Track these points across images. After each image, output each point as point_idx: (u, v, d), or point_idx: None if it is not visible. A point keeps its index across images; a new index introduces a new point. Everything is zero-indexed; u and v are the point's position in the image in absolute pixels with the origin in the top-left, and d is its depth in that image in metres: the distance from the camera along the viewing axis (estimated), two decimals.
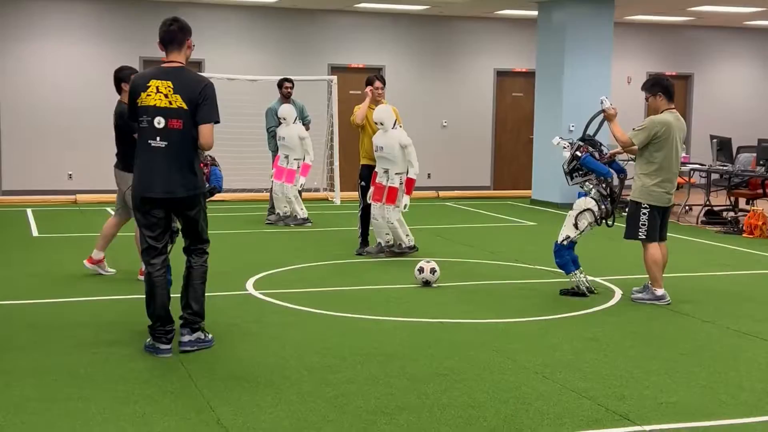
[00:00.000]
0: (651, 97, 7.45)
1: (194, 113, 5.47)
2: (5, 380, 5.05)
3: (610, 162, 7.52)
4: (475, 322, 6.65)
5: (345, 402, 4.77)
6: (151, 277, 5.64)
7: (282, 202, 11.76)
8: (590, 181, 7.49)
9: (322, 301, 7.20)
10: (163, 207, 5.56)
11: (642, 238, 7.40)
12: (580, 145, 7.50)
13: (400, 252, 9.40)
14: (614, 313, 7.05)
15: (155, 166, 5.49)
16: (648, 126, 7.31)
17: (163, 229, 5.64)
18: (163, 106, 5.43)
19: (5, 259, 8.82)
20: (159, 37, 5.59)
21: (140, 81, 5.54)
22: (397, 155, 9.09)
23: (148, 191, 5.51)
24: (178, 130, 5.45)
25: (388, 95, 9.76)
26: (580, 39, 14.60)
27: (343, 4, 16.10)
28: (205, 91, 5.49)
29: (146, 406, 4.66)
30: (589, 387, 5.09)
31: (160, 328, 5.63)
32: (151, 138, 5.47)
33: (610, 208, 7.47)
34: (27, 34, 15.18)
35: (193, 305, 5.66)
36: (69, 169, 15.46)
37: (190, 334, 5.64)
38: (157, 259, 5.64)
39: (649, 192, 7.31)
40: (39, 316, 6.66)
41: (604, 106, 7.57)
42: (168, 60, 5.59)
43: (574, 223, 7.46)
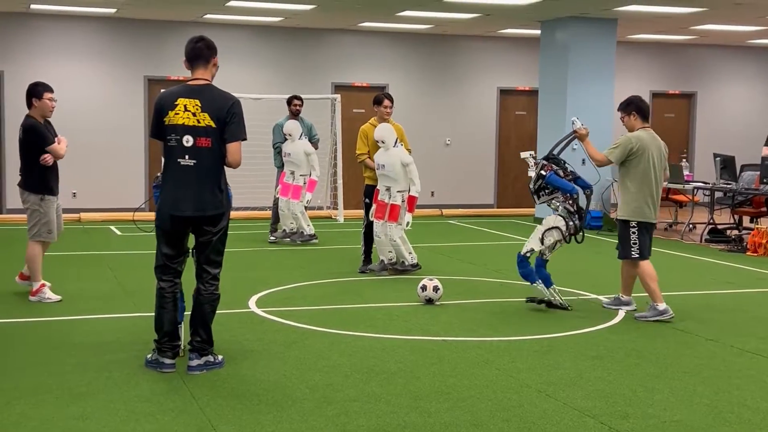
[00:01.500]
0: (626, 116, 7.63)
1: (222, 131, 5.46)
2: (5, 399, 5.03)
3: (575, 179, 7.65)
4: (478, 340, 6.62)
5: (347, 420, 4.75)
6: (162, 293, 5.62)
7: (288, 219, 11.70)
8: (557, 198, 7.62)
9: (324, 319, 7.19)
10: (190, 225, 5.54)
11: (635, 257, 7.50)
12: (545, 164, 7.63)
13: (403, 270, 9.38)
14: (618, 331, 7.02)
15: (184, 184, 5.45)
16: (623, 143, 7.46)
17: (180, 250, 5.60)
18: (191, 125, 5.42)
19: (8, 277, 8.81)
20: (185, 54, 5.58)
21: (168, 99, 5.51)
22: (399, 173, 9.10)
23: (176, 210, 5.47)
24: (207, 149, 5.44)
25: (393, 113, 9.78)
26: (582, 58, 14.64)
27: (346, 23, 16.16)
28: (233, 109, 5.47)
29: (147, 425, 4.64)
30: (592, 406, 5.06)
31: (167, 343, 5.62)
32: (179, 157, 5.44)
33: (578, 224, 7.59)
34: (32, 52, 15.25)
35: (202, 333, 5.60)
36: (73, 187, 15.47)
37: (199, 358, 5.58)
38: (170, 276, 5.62)
39: (634, 210, 7.45)
40: (40, 335, 6.65)
41: (575, 126, 7.75)
42: (194, 78, 5.57)
43: (540, 238, 7.59)
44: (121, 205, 15.45)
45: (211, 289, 5.62)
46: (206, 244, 5.58)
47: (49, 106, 7.88)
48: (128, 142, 15.82)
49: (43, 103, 7.84)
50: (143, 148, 15.91)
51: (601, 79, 14.76)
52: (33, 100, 7.81)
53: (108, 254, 10.91)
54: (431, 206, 16.47)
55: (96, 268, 9.78)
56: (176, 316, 5.66)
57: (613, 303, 7.92)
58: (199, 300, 5.61)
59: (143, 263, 10.06)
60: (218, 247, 5.62)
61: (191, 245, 5.72)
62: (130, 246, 11.74)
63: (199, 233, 5.58)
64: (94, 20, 15.56)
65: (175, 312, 5.65)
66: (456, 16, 14.81)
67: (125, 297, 8.13)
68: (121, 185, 15.74)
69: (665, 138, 19.28)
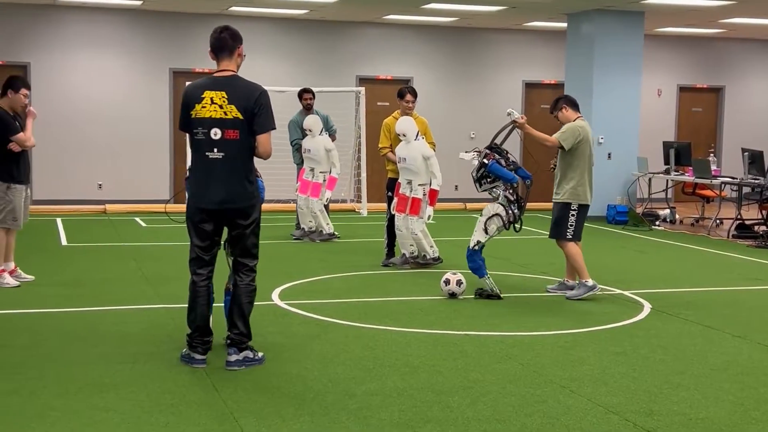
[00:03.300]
0: (558, 112, 8.07)
1: (250, 122, 5.42)
2: (30, 389, 5.06)
3: (515, 169, 7.82)
4: (502, 334, 6.58)
5: (368, 414, 4.73)
6: (195, 287, 5.59)
7: (307, 217, 11.42)
8: (498, 187, 7.81)
9: (347, 312, 7.18)
10: (220, 218, 5.51)
11: (569, 238, 7.94)
12: (487, 153, 7.81)
13: (425, 263, 9.35)
14: (643, 327, 6.95)
15: (214, 177, 5.42)
16: (571, 131, 7.90)
17: (212, 241, 5.57)
18: (218, 117, 5.37)
19: (34, 268, 8.87)
20: (210, 45, 5.53)
21: (194, 92, 5.46)
22: (420, 166, 9.07)
23: (206, 202, 5.45)
24: (235, 141, 5.40)
25: (417, 107, 9.75)
26: (609, 51, 14.50)
27: (371, 16, 16.12)
28: (261, 100, 5.43)
29: (169, 416, 4.65)
30: (616, 402, 5.01)
31: (198, 338, 5.59)
32: (208, 150, 5.41)
33: (517, 213, 7.79)
34: (58, 45, 15.35)
35: (240, 325, 5.54)
36: (99, 179, 15.58)
37: (237, 354, 5.53)
38: (204, 270, 5.58)
39: (578, 193, 7.90)
40: (65, 325, 6.68)
41: (513, 117, 7.95)
42: (219, 69, 5.52)
43: (484, 228, 7.77)
44: (146, 197, 15.52)
45: (248, 280, 5.58)
46: (240, 236, 5.54)
47: (22, 101, 8.04)
48: (153, 134, 15.89)
49: (18, 97, 7.98)
50: (168, 140, 15.97)
51: (629, 72, 14.62)
52: (9, 92, 7.93)
53: (133, 246, 10.95)
54: (455, 200, 16.41)
55: (121, 259, 9.82)
56: (208, 311, 5.63)
57: (558, 288, 8.22)
58: (236, 292, 5.58)
59: (168, 255, 10.16)
60: (252, 239, 5.57)
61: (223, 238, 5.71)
62: (154, 238, 11.79)
63: (232, 226, 5.55)
64: (120, 12, 15.62)
65: (208, 307, 5.62)
66: (482, 8, 14.73)
67: (149, 288, 8.15)
68: (146, 177, 15.82)
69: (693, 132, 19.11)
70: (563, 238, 7.96)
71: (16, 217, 8.00)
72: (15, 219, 7.99)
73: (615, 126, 14.59)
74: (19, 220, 8.04)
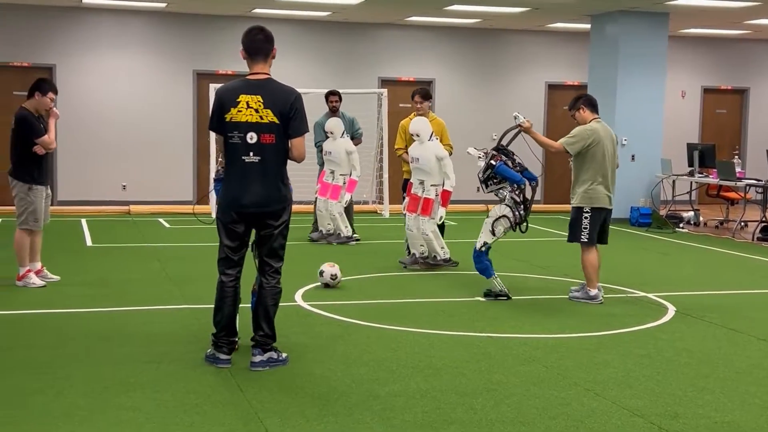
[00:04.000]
0: (576, 111, 7.97)
1: (285, 126, 5.43)
2: (57, 389, 5.11)
3: (522, 170, 7.83)
4: (525, 336, 6.57)
5: (392, 415, 4.74)
6: (223, 287, 5.60)
7: (326, 220, 11.32)
8: (504, 188, 7.82)
9: (369, 314, 7.19)
10: (252, 219, 5.52)
11: (584, 241, 7.86)
12: (494, 154, 7.82)
13: (435, 264, 9.35)
14: (667, 330, 6.91)
15: (249, 181, 5.42)
16: (580, 135, 7.79)
17: (242, 242, 5.59)
18: (254, 122, 5.37)
19: (60, 268, 8.95)
20: (243, 47, 5.51)
21: (229, 96, 5.44)
22: (433, 167, 9.08)
23: (241, 206, 5.45)
24: (271, 144, 5.41)
25: (439, 108, 9.75)
26: (633, 52, 14.42)
27: (393, 18, 16.14)
28: (296, 104, 5.44)
29: (194, 416, 4.68)
30: (641, 405, 4.99)
31: (223, 338, 5.61)
32: (244, 154, 5.40)
33: (523, 214, 7.80)
34: (83, 46, 15.47)
35: (264, 327, 5.56)
36: (123, 180, 15.69)
37: (262, 354, 5.55)
38: (232, 270, 5.60)
39: (590, 196, 7.80)
40: (91, 325, 6.74)
41: (518, 121, 7.88)
42: (253, 72, 5.52)
43: (491, 229, 7.80)
44: (169, 198, 15.63)
45: (273, 282, 5.59)
46: (268, 237, 5.55)
47: (47, 104, 8.13)
48: (177, 135, 15.98)
49: (44, 100, 8.08)
50: (192, 142, 16.05)
51: (653, 74, 14.54)
52: (36, 94, 8.02)
53: (157, 246, 11.02)
54: (477, 201, 16.36)
55: (145, 260, 9.88)
56: (235, 311, 5.66)
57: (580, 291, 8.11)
58: (262, 294, 5.59)
59: (191, 256, 10.22)
60: (280, 240, 5.59)
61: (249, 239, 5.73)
62: (178, 239, 11.86)
63: (261, 227, 5.56)
64: (145, 14, 15.73)
65: (234, 307, 5.64)
66: (505, 10, 14.71)
67: (174, 289, 8.20)
68: (169, 178, 15.91)
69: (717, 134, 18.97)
70: (578, 241, 7.91)
71: (38, 218, 8.08)
72: (36, 220, 8.07)
73: (639, 127, 14.52)
74: (40, 221, 8.13)
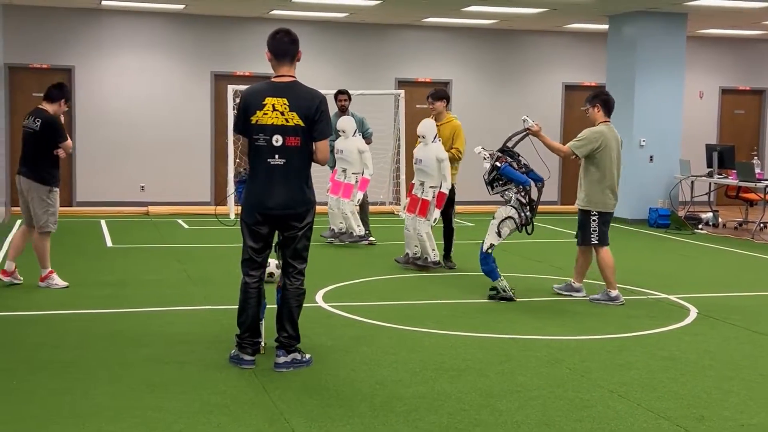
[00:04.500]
0: (591, 108, 8.01)
1: (310, 129, 5.46)
2: (83, 389, 5.14)
3: (527, 172, 7.87)
4: (546, 338, 6.57)
5: (417, 417, 4.74)
6: (246, 288, 5.64)
7: (338, 218, 11.21)
8: (510, 190, 7.85)
9: (390, 315, 7.19)
10: (276, 221, 5.55)
11: (595, 243, 7.92)
12: (500, 155, 7.85)
13: (424, 266, 9.38)
14: (690, 332, 6.89)
15: (274, 183, 5.45)
16: (588, 138, 7.85)
17: (266, 243, 5.62)
18: (280, 124, 5.40)
19: (81, 269, 9.02)
20: (269, 49, 5.53)
21: (255, 98, 5.47)
22: (434, 168, 9.13)
23: (266, 208, 5.48)
24: (296, 147, 5.44)
25: (456, 109, 9.76)
26: (651, 53, 14.39)
27: (410, 19, 16.14)
28: (321, 107, 5.48)
29: (221, 417, 4.70)
30: (666, 407, 4.98)
31: (247, 339, 5.64)
32: (269, 156, 5.43)
33: (529, 215, 7.83)
34: (101, 48, 15.54)
35: (288, 328, 5.58)
36: (141, 181, 15.75)
37: (286, 355, 5.57)
38: (256, 272, 5.63)
39: (598, 200, 7.87)
40: (114, 326, 6.77)
41: (527, 124, 7.96)
42: (279, 74, 5.55)
43: (497, 231, 7.82)
44: (187, 199, 15.69)
45: (297, 283, 5.61)
46: (292, 239, 5.57)
47: (63, 110, 8.21)
48: (195, 136, 16.03)
49: (66, 106, 8.20)
50: (209, 143, 16.10)
51: (671, 75, 14.49)
52: (62, 102, 8.10)
53: (176, 247, 11.07)
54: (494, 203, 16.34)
55: (165, 261, 9.92)
56: (259, 312, 5.69)
57: (564, 289, 8.20)
58: (285, 295, 5.61)
59: (211, 256, 10.25)
60: (304, 242, 5.61)
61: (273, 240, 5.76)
62: (197, 239, 11.90)
63: (286, 229, 5.57)
64: (163, 16, 15.79)
65: (258, 308, 5.67)
66: (522, 11, 14.69)
67: (195, 290, 8.23)
68: (187, 179, 15.96)
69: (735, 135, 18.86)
70: (589, 243, 7.95)
71: (56, 220, 8.14)
72: (55, 222, 8.12)
73: (657, 128, 14.48)
74: (56, 223, 8.19)
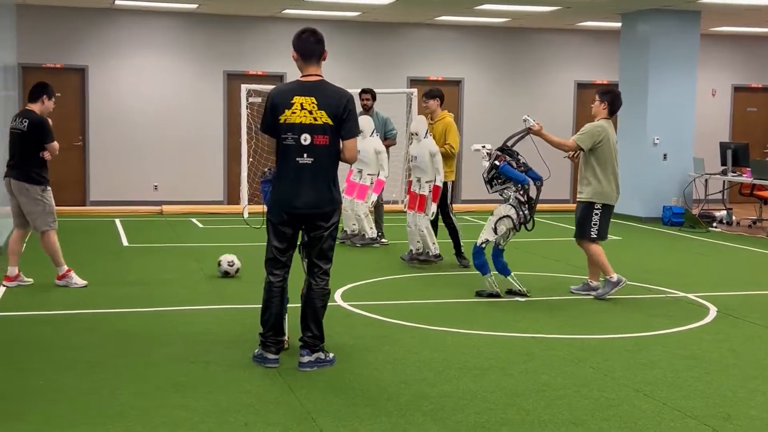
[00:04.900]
0: (598, 102, 8.08)
1: (338, 127, 5.49)
2: (109, 388, 5.15)
3: (526, 170, 7.92)
4: (568, 337, 6.56)
5: (444, 416, 4.75)
6: (271, 287, 5.66)
7: (351, 220, 11.09)
8: (509, 188, 7.90)
9: (410, 314, 7.20)
10: (302, 221, 5.57)
11: (593, 237, 7.94)
12: (498, 154, 7.93)
13: (426, 260, 9.46)
14: (711, 330, 6.88)
15: (301, 182, 5.47)
16: (590, 132, 7.94)
17: (291, 243, 5.64)
18: (308, 123, 5.43)
19: (100, 268, 9.04)
20: (295, 49, 5.58)
21: (283, 98, 5.50)
22: (428, 164, 9.22)
23: (293, 207, 5.50)
24: (324, 146, 5.47)
25: (467, 108, 9.80)
26: (665, 51, 14.35)
27: (423, 18, 16.14)
28: (349, 106, 5.51)
29: (248, 416, 4.71)
30: (692, 406, 4.97)
31: (271, 338, 5.65)
32: (297, 155, 5.45)
33: (527, 214, 7.84)
34: (115, 47, 15.58)
35: (313, 328, 5.59)
36: (154, 180, 15.79)
37: (310, 355, 5.58)
38: (280, 271, 5.65)
39: (601, 192, 7.91)
40: (135, 325, 6.79)
41: (528, 124, 8.02)
42: (307, 74, 5.57)
43: (494, 227, 7.89)
44: (200, 198, 15.72)
45: (322, 284, 5.62)
46: (318, 239, 5.58)
47: (51, 108, 8.15)
48: (208, 135, 16.06)
49: (50, 104, 8.14)
50: (222, 142, 16.13)
51: (684, 73, 14.46)
52: (44, 98, 8.03)
53: (192, 246, 11.09)
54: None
55: (182, 260, 9.94)
56: (282, 310, 5.71)
57: (582, 289, 8.20)
58: (310, 295, 5.61)
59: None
60: (329, 242, 5.61)
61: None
62: (212, 238, 11.91)
63: (312, 229, 5.59)
64: (176, 15, 15.82)
65: (282, 306, 5.70)
66: (535, 9, 14.67)
67: (213, 289, 8.25)
68: (200, 179, 15.99)
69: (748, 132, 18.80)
70: (587, 238, 7.96)
71: (55, 217, 8.12)
72: (55, 219, 8.10)
73: (670, 127, 14.45)
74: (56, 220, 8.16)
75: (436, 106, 9.77)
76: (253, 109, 14.89)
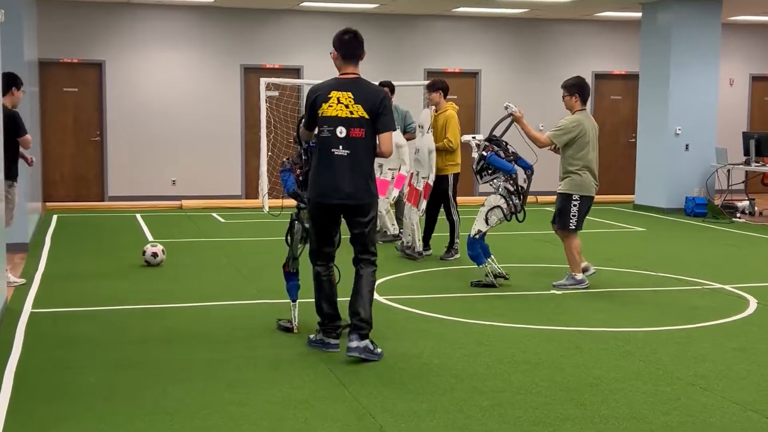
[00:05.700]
0: (567, 96, 8.11)
1: (375, 122, 5.63)
2: (161, 386, 5.10)
3: (516, 159, 7.90)
4: (614, 330, 6.51)
5: (503, 411, 4.70)
6: (318, 277, 5.88)
7: None
8: (498, 178, 7.92)
9: (448, 308, 7.15)
10: (340, 212, 5.74)
11: (572, 228, 7.95)
12: (486, 145, 7.94)
13: (410, 255, 9.46)
14: (755, 322, 6.82)
15: (338, 174, 5.64)
16: (566, 127, 7.94)
17: (329, 234, 5.83)
18: (344, 116, 5.60)
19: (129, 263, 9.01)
20: (336, 48, 5.78)
21: (321, 93, 5.69)
22: (426, 159, 9.25)
23: (330, 198, 5.66)
24: (361, 139, 5.63)
25: (485, 99, 9.77)
26: (686, 41, 14.26)
27: (440, 9, 16.06)
28: (384, 102, 5.68)
29: (306, 412, 4.67)
30: (751, 399, 4.92)
31: (329, 324, 5.86)
32: (334, 147, 5.62)
33: (518, 203, 7.87)
34: (132, 42, 15.51)
35: (361, 312, 5.64)
36: (173, 175, 15.74)
37: (359, 341, 5.59)
38: (324, 260, 5.89)
39: (579, 184, 7.91)
40: (174, 320, 6.76)
41: (510, 110, 8.00)
42: (345, 72, 5.75)
43: (485, 218, 7.92)
44: (218, 193, 15.67)
45: (369, 271, 5.76)
46: (360, 235, 5.76)
47: (20, 98, 8.04)
48: (225, 129, 15.99)
49: (20, 94, 8.03)
50: (240, 136, 16.06)
51: (705, 62, 14.36)
52: (13, 90, 7.91)
53: (218, 241, 11.05)
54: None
55: (212, 255, 9.89)
56: (333, 296, 5.89)
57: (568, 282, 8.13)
58: (359, 283, 5.74)
59: (256, 250, 10.22)
60: (372, 235, 5.80)
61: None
62: (236, 233, 11.87)
63: (352, 225, 5.76)
64: (193, 9, 15.74)
65: (332, 292, 5.88)
66: None
67: (247, 284, 8.20)
68: (218, 173, 15.94)
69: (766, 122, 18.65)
70: (566, 229, 7.97)
71: (12, 215, 7.98)
72: (12, 218, 7.96)
73: (692, 117, 14.36)
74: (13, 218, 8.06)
75: (440, 98, 9.70)
76: (271, 102, 14.84)
